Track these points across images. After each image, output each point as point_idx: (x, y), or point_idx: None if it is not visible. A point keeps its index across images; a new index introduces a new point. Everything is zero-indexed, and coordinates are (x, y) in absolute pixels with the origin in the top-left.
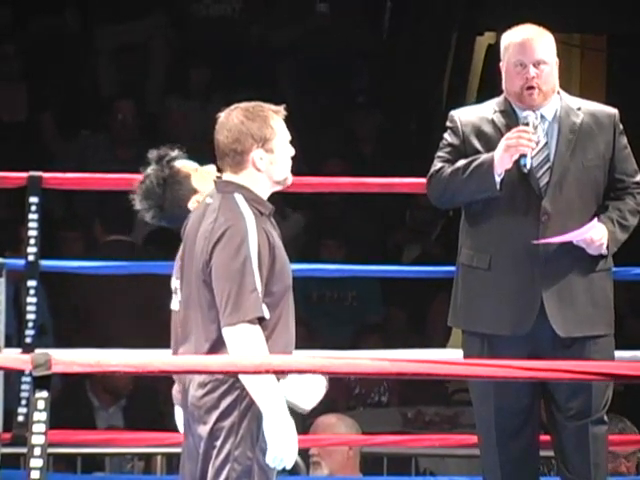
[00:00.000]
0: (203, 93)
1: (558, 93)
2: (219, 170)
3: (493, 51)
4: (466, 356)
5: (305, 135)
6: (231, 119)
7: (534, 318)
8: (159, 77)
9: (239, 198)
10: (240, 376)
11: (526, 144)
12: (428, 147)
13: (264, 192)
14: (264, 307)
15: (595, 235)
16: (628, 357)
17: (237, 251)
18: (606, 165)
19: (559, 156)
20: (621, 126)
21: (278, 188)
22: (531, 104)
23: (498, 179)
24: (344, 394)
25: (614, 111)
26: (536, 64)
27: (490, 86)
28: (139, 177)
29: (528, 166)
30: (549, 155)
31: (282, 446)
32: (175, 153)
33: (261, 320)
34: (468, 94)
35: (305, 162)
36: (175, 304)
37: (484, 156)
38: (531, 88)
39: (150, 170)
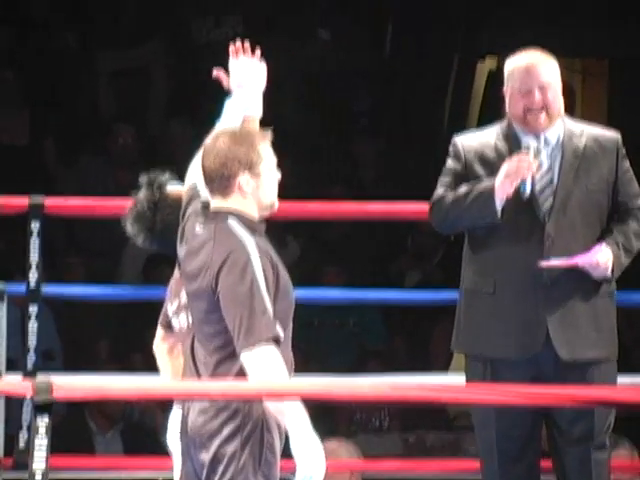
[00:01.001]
0: (204, 117)
1: (561, 118)
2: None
3: (494, 76)
4: (468, 380)
5: (306, 159)
6: (218, 144)
7: (541, 342)
8: (160, 102)
9: (233, 223)
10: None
11: (525, 170)
12: (429, 172)
13: (254, 216)
14: (278, 326)
15: (601, 258)
16: (628, 382)
17: (243, 275)
18: (609, 189)
19: (562, 180)
20: (624, 150)
21: (266, 213)
22: (537, 128)
23: (499, 206)
24: (345, 419)
25: (617, 135)
26: (541, 88)
27: (491, 111)
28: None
29: (528, 192)
30: (552, 179)
31: (312, 464)
32: (166, 177)
33: (276, 340)
34: (469, 119)
35: (305, 187)
36: (177, 324)
37: (485, 183)
38: (537, 112)
39: (141, 194)
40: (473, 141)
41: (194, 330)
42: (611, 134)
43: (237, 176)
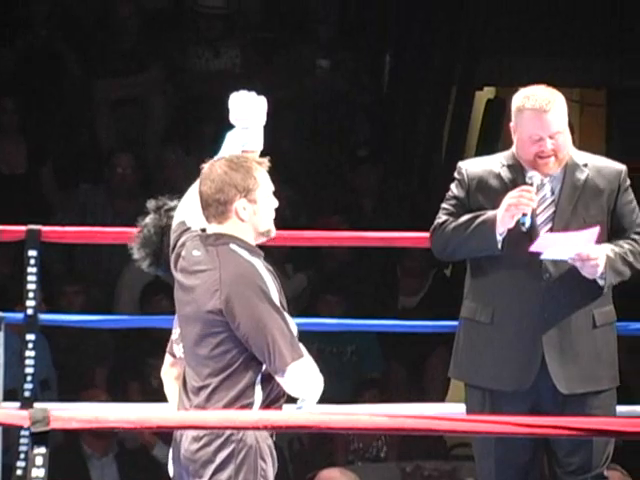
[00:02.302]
0: (203, 147)
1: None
2: None
3: (492, 106)
4: (469, 409)
5: (305, 189)
6: (214, 170)
7: (534, 375)
8: (158, 131)
9: (236, 248)
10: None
11: (526, 203)
12: (428, 201)
13: (251, 242)
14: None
15: (592, 253)
16: (626, 412)
17: (260, 297)
18: (609, 221)
19: (560, 212)
20: (628, 182)
21: (262, 240)
22: (546, 172)
23: (500, 238)
24: (342, 448)
25: (621, 167)
26: (552, 136)
27: (489, 141)
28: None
29: (527, 225)
30: (553, 214)
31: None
32: (173, 203)
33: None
34: (467, 148)
35: (304, 217)
36: (179, 351)
37: (487, 214)
38: (547, 158)
39: (148, 219)
40: (478, 168)
41: (185, 357)
42: (616, 166)
43: (233, 202)
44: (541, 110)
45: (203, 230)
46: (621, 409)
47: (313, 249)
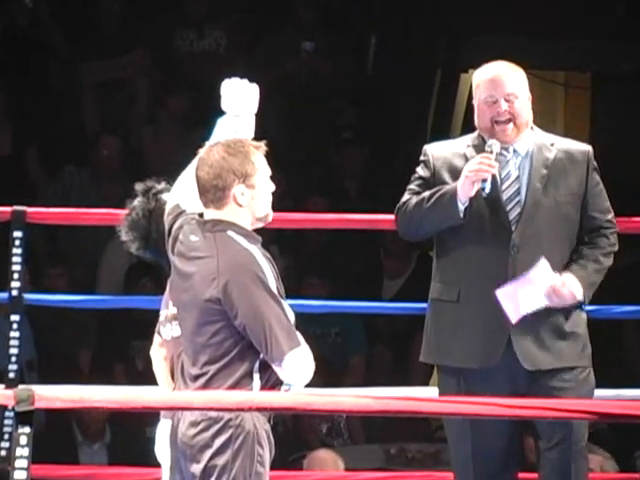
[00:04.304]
0: (187, 129)
1: (532, 129)
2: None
3: None
4: (441, 394)
5: (290, 172)
6: (212, 155)
7: (501, 350)
8: (143, 113)
9: (233, 234)
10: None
11: (486, 169)
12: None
13: (248, 227)
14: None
15: (563, 281)
16: (612, 395)
17: (257, 286)
18: (578, 202)
19: (531, 190)
20: (595, 163)
21: (260, 225)
22: (504, 139)
23: (462, 207)
24: (312, 431)
25: (588, 148)
26: (507, 98)
27: (474, 123)
28: (123, 212)
29: (487, 190)
30: (520, 189)
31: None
32: (162, 186)
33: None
34: (452, 131)
35: (290, 199)
36: (167, 333)
37: (448, 185)
38: (503, 122)
39: (136, 202)
40: (443, 150)
41: (182, 344)
42: (582, 147)
43: (232, 187)
44: (495, 75)
45: (200, 215)
46: (605, 392)
47: (298, 231)
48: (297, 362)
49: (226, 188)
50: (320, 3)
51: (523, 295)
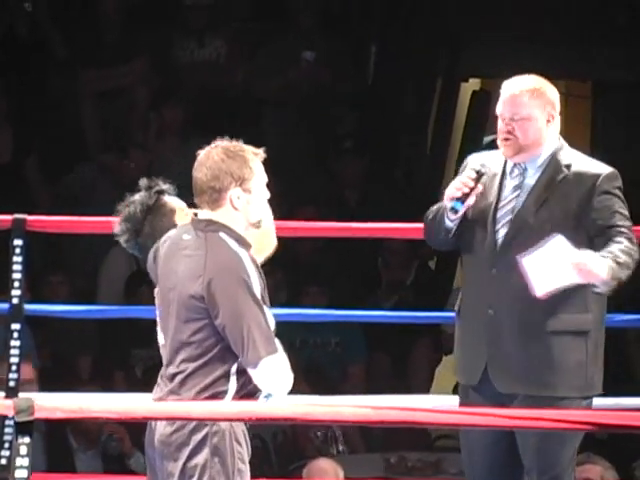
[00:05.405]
0: (185, 139)
1: (559, 148)
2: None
3: (478, 97)
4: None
5: (290, 181)
6: (211, 157)
7: (481, 371)
8: (143, 121)
9: (225, 237)
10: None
11: (459, 187)
12: (413, 193)
13: (240, 231)
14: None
15: (583, 257)
16: (611, 404)
17: (242, 288)
18: (575, 222)
19: (523, 211)
20: (608, 186)
21: (252, 231)
22: (505, 155)
23: (449, 223)
24: (308, 441)
25: (602, 171)
26: (513, 118)
27: (474, 132)
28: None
29: (459, 210)
30: (514, 209)
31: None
32: (166, 186)
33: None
34: (453, 140)
35: (287, 207)
36: (161, 339)
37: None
38: (503, 140)
39: (137, 196)
40: (480, 160)
41: (164, 342)
42: (597, 169)
43: (228, 190)
44: (509, 93)
45: (196, 215)
46: (605, 401)
47: (297, 240)
48: (272, 368)
49: (222, 190)
50: (320, 11)
51: (551, 268)
